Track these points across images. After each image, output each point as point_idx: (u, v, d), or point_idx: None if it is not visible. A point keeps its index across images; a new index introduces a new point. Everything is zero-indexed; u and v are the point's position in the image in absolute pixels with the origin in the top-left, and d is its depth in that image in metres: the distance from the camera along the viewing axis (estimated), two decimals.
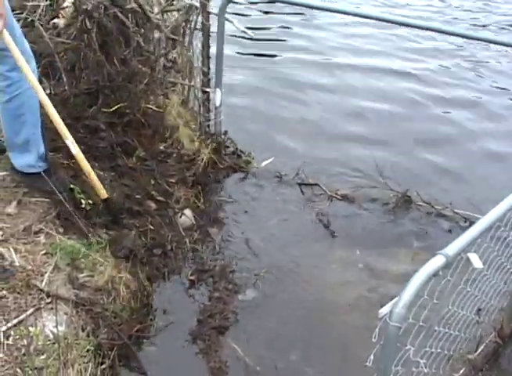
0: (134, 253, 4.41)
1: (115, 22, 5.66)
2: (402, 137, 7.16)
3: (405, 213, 5.74)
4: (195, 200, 5.49)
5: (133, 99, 5.53)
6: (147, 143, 5.47)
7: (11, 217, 4.17)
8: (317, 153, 6.63)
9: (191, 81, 6.40)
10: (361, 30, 10.66)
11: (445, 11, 12.60)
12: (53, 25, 5.21)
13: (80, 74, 5.52)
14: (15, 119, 4.11)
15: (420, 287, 2.49)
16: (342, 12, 6.12)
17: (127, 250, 4.36)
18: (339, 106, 7.90)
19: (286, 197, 5.89)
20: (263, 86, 8.20)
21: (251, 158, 6.32)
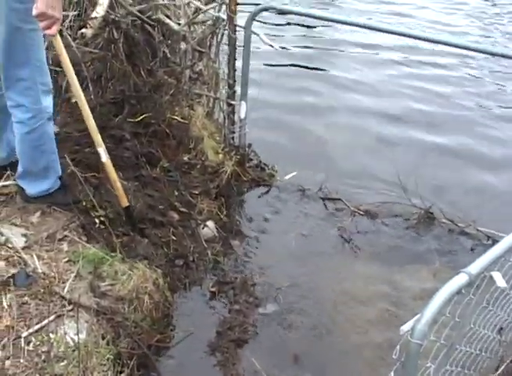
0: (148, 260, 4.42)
1: (142, 33, 5.71)
2: (427, 152, 7.13)
3: (428, 230, 5.69)
4: (218, 212, 5.49)
5: (158, 110, 5.56)
6: (171, 154, 5.49)
7: (35, 225, 4.19)
8: (341, 167, 6.63)
9: (216, 93, 6.43)
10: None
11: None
12: (81, 35, 5.24)
13: (106, 84, 5.57)
14: (34, 149, 4.08)
15: (442, 304, 2.47)
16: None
17: (140, 257, 4.36)
18: (363, 120, 7.89)
19: (309, 211, 5.88)
20: (288, 99, 8.21)
21: (275, 171, 6.33)
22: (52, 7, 3.41)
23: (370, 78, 9.26)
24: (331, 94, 8.56)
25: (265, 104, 7.58)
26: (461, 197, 6.24)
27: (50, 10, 3.41)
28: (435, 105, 8.39)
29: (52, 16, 3.45)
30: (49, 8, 3.40)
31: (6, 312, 3.48)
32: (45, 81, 3.92)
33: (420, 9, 13.53)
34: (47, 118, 3.99)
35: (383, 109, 8.16)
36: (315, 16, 6.47)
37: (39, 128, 3.99)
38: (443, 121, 7.92)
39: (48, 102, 3.98)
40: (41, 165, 4.17)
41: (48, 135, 4.09)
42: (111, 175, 4.25)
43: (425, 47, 10.23)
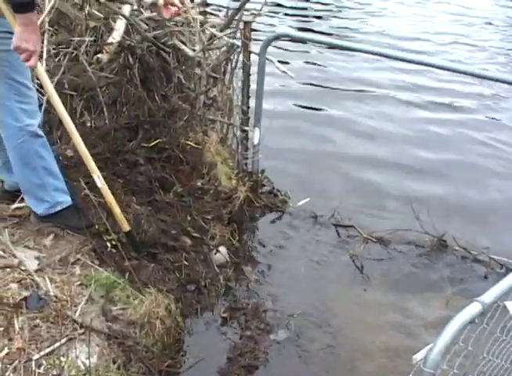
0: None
1: (157, 58, 5.75)
2: (440, 180, 7.13)
3: (441, 257, 5.67)
4: (230, 237, 5.49)
5: (172, 135, 5.59)
6: (185, 179, 5.50)
7: (48, 248, 4.20)
8: (354, 193, 6.64)
9: (230, 119, 6.47)
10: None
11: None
12: (97, 60, 5.27)
13: (121, 109, 5.60)
14: (24, 166, 4.11)
15: (455, 333, 2.46)
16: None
17: (140, 282, 4.35)
18: (377, 147, 7.90)
19: (321, 238, 5.87)
20: (301, 125, 8.23)
21: (288, 198, 6.33)
22: (25, 40, 3.48)
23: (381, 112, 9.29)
24: (344, 122, 8.57)
25: (279, 130, 7.59)
26: (474, 225, 6.21)
27: (24, 43, 3.49)
28: (449, 152, 8.24)
29: (26, 49, 3.51)
30: (23, 41, 3.48)
31: (18, 334, 3.47)
32: (24, 100, 3.94)
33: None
34: (30, 136, 3.99)
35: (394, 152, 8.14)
36: (330, 43, 6.51)
37: (23, 144, 4.01)
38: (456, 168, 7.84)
39: (31, 121, 3.99)
40: (35, 183, 4.18)
41: (37, 153, 4.08)
42: (108, 200, 4.24)
43: (442, 87, 10.26)
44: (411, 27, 14.01)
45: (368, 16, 14.52)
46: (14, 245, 4.09)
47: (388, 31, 13.38)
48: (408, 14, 15.18)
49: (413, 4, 16.19)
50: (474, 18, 15.40)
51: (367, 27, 13.58)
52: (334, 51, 11.07)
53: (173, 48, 5.83)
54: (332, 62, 11.08)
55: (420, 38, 13.22)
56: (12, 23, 3.54)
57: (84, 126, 5.30)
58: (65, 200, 4.34)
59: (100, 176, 4.18)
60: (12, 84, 3.85)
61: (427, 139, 8.34)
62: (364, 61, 10.83)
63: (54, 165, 4.23)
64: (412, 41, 12.80)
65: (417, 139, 8.27)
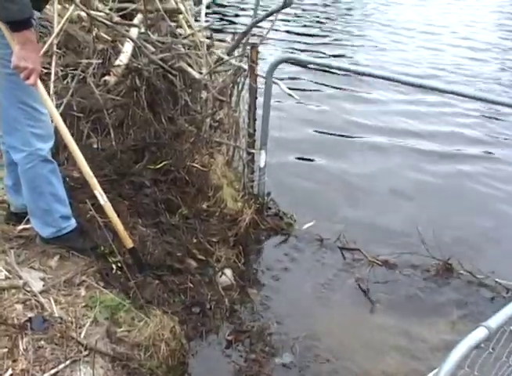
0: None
1: (164, 81, 5.78)
2: (447, 202, 7.13)
3: (446, 281, 5.66)
4: (235, 260, 5.49)
5: (179, 158, 5.60)
6: (190, 201, 5.50)
7: (53, 269, 4.20)
8: (359, 216, 6.63)
9: (236, 141, 6.47)
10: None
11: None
12: (104, 82, 5.32)
13: (127, 131, 5.62)
14: (31, 190, 4.12)
15: (461, 358, 2.45)
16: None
17: (144, 300, 4.33)
18: (383, 168, 7.94)
19: (327, 261, 5.86)
20: (307, 149, 8.24)
21: (293, 220, 6.33)
22: (24, 59, 3.51)
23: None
24: (351, 144, 8.59)
25: (285, 153, 7.61)
26: (480, 249, 6.20)
27: (23, 62, 3.52)
28: (454, 177, 8.18)
29: (25, 67, 3.54)
30: (21, 60, 3.51)
31: (22, 355, 3.47)
32: (35, 124, 3.93)
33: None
34: (40, 160, 3.99)
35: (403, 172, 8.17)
36: (336, 67, 6.53)
37: (32, 169, 4.01)
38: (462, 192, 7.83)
39: (41, 145, 3.98)
40: (42, 207, 4.18)
41: (45, 178, 4.09)
42: (112, 217, 4.21)
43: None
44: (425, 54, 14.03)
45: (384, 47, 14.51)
46: (20, 266, 4.10)
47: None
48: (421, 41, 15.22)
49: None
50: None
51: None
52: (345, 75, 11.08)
53: (180, 70, 5.86)
54: (343, 85, 11.11)
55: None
56: (12, 43, 3.56)
57: (91, 148, 5.32)
58: (70, 224, 4.34)
59: (102, 193, 4.16)
60: (23, 109, 3.86)
61: (433, 161, 8.34)
62: (380, 86, 10.84)
63: (62, 192, 4.24)
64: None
65: (424, 161, 8.28)
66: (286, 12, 13.03)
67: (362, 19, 16.76)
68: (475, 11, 19.03)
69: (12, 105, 3.85)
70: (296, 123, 9.11)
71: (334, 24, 15.57)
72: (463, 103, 10.42)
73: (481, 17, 17.90)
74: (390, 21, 16.63)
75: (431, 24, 16.43)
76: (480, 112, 10.43)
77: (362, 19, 16.64)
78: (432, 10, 17.65)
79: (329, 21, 15.58)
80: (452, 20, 17.21)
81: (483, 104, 9.94)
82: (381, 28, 15.98)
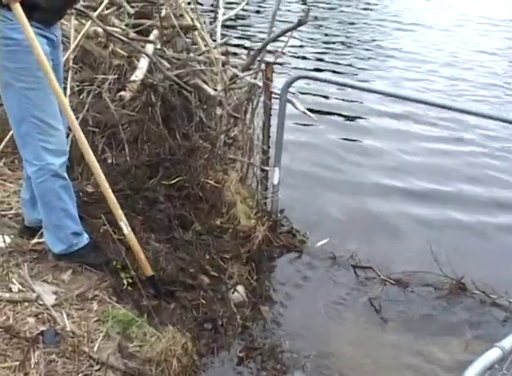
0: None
1: (179, 97, 5.80)
2: (461, 221, 7.11)
3: (459, 300, 5.61)
4: (248, 276, 5.47)
5: (193, 174, 5.61)
6: (204, 218, 5.51)
7: (66, 283, 4.22)
8: (373, 234, 6.60)
9: (250, 158, 6.47)
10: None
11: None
12: (120, 97, 5.34)
13: (142, 146, 5.64)
14: (44, 205, 4.15)
15: None
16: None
17: (158, 321, 4.33)
18: (398, 187, 7.90)
19: (339, 279, 5.83)
20: (321, 166, 8.23)
21: (306, 238, 6.31)
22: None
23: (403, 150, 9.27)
24: (363, 164, 8.56)
25: (299, 170, 7.61)
26: (493, 268, 6.15)
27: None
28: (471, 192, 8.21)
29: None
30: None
31: (34, 369, 3.48)
32: (47, 139, 3.95)
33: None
34: (51, 175, 4.02)
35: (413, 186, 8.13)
36: (350, 85, 6.52)
37: (43, 183, 4.05)
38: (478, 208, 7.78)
39: (54, 160, 4.00)
40: (53, 222, 4.22)
41: (56, 193, 4.11)
42: (134, 246, 4.24)
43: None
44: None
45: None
46: (33, 279, 4.12)
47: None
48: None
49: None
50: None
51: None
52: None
53: (195, 87, 5.89)
54: (358, 99, 11.10)
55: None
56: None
57: (106, 162, 5.34)
58: (81, 241, 4.37)
59: (127, 223, 4.19)
60: (35, 123, 3.88)
61: (449, 176, 8.33)
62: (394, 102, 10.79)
63: (73, 208, 4.26)
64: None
65: (441, 178, 8.26)
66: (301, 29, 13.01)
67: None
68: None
69: (25, 119, 3.88)
70: (310, 140, 9.10)
71: (359, 36, 15.43)
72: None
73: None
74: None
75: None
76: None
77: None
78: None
79: (353, 34, 15.43)
80: None
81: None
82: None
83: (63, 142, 4.10)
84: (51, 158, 3.98)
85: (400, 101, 10.05)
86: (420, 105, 9.15)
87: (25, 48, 3.71)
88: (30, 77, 3.77)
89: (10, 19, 3.66)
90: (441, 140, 9.74)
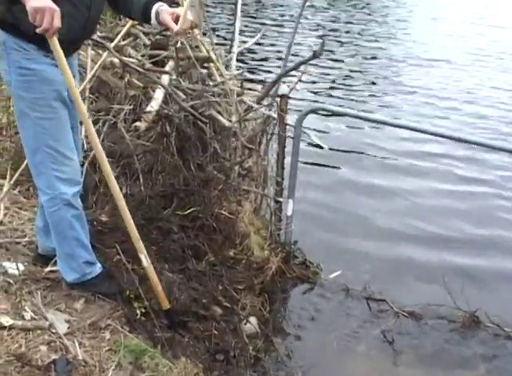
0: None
1: (194, 128, 5.82)
2: (474, 253, 7.08)
3: (473, 333, 5.58)
4: (261, 308, 5.45)
5: (207, 204, 5.62)
6: (217, 248, 5.51)
7: (78, 312, 4.21)
8: (386, 265, 6.59)
9: (264, 189, 6.49)
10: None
11: None
12: (135, 128, 5.37)
13: (156, 177, 5.65)
14: (57, 234, 4.16)
15: None
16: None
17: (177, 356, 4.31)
18: (411, 219, 7.88)
19: (352, 312, 5.81)
20: (334, 198, 8.23)
21: (319, 269, 6.30)
22: (38, 9, 3.27)
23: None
24: (379, 193, 8.55)
25: (312, 202, 7.61)
26: (507, 301, 6.11)
27: (39, 13, 3.28)
28: (483, 225, 8.04)
29: (42, 15, 3.29)
30: (36, 11, 3.28)
31: None
32: (61, 168, 3.95)
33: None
34: (63, 204, 4.01)
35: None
36: (366, 118, 6.55)
37: (55, 213, 4.05)
38: (491, 241, 7.64)
39: (66, 189, 4.00)
40: (66, 251, 4.22)
41: (69, 223, 4.11)
42: (153, 279, 4.25)
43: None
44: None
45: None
46: (45, 307, 4.11)
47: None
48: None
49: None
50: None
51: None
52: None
53: (210, 118, 5.91)
54: (374, 134, 11.07)
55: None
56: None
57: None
58: (94, 270, 4.36)
59: (147, 256, 4.20)
60: (49, 152, 3.90)
61: (461, 212, 8.28)
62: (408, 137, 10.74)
63: (86, 237, 4.26)
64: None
65: (453, 212, 8.22)
66: (315, 62, 13.02)
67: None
68: None
69: (39, 148, 3.90)
70: (324, 173, 9.11)
71: (374, 71, 15.37)
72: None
73: None
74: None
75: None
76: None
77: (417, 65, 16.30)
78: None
79: (369, 68, 15.37)
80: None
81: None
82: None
83: (77, 172, 4.12)
84: (64, 188, 3.99)
85: (417, 140, 10.09)
86: (437, 144, 9.20)
87: (40, 78, 3.75)
88: (45, 107, 3.80)
89: (26, 50, 3.70)
90: (460, 181, 9.63)
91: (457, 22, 20.36)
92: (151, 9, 3.91)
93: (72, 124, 4.05)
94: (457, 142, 8.27)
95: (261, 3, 20.84)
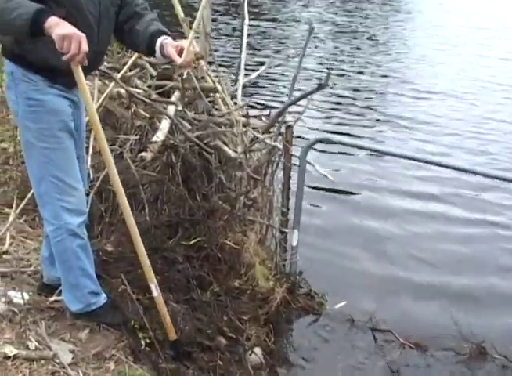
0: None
1: (199, 158, 5.84)
2: (482, 283, 7.03)
3: (480, 365, 5.53)
4: (266, 338, 5.43)
5: (212, 235, 5.62)
6: (222, 278, 5.50)
7: (83, 342, 4.20)
8: (391, 296, 6.57)
9: (269, 220, 6.48)
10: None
11: None
12: (141, 158, 5.39)
13: (162, 206, 5.67)
14: (62, 264, 4.16)
15: None
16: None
17: None
18: (416, 246, 7.87)
19: (358, 343, 5.78)
20: (340, 228, 8.21)
21: (325, 300, 6.28)
22: (65, 37, 3.28)
23: None
24: (383, 226, 8.53)
25: (317, 232, 7.61)
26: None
27: (66, 41, 3.29)
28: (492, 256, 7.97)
29: (69, 43, 3.30)
30: (60, 38, 3.28)
31: None
32: (66, 199, 3.97)
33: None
34: (69, 234, 4.02)
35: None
36: (371, 148, 6.57)
37: (60, 243, 4.05)
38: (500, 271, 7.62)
39: (72, 219, 4.01)
40: (70, 281, 4.22)
41: (74, 253, 4.11)
42: (161, 309, 4.25)
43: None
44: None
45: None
46: (50, 337, 4.10)
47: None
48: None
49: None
50: None
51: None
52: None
53: (215, 148, 5.93)
54: (376, 163, 11.05)
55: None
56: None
57: (125, 222, 5.37)
58: (99, 300, 4.36)
59: (157, 286, 4.20)
60: (54, 183, 3.92)
61: (469, 241, 8.24)
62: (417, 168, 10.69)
63: (91, 268, 4.27)
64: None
65: (460, 241, 8.18)
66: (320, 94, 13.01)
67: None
68: None
69: (45, 178, 3.92)
70: (329, 204, 9.10)
71: (376, 103, 15.32)
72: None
73: None
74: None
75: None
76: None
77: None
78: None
79: (370, 101, 15.31)
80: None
81: None
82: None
83: (83, 202, 4.13)
84: (69, 218, 4.00)
85: (421, 171, 10.04)
86: (441, 175, 9.16)
87: (47, 109, 3.78)
88: (52, 137, 3.82)
89: (33, 81, 3.74)
90: (467, 211, 9.44)
91: (462, 53, 20.39)
92: (156, 41, 3.94)
93: (78, 154, 4.08)
94: (463, 175, 8.18)
95: (266, 35, 20.94)
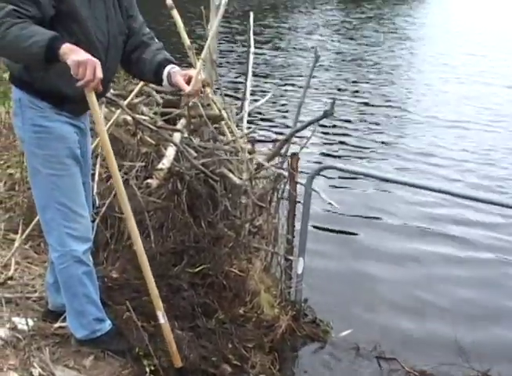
0: None
1: (205, 185, 5.85)
2: (487, 310, 6.99)
3: None
4: (270, 366, 5.40)
5: (217, 262, 5.63)
6: (227, 306, 5.49)
7: (87, 368, 4.20)
8: (397, 323, 6.53)
9: (275, 247, 6.48)
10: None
11: None
12: (146, 185, 5.40)
13: (167, 234, 5.68)
14: (66, 290, 4.17)
15: None
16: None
17: None
18: (421, 273, 7.84)
19: (363, 371, 5.75)
20: (346, 256, 8.19)
21: (330, 328, 6.25)
22: (80, 63, 3.32)
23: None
24: (389, 255, 8.49)
25: (323, 260, 7.60)
26: None
27: (82, 67, 3.33)
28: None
29: (84, 70, 3.33)
30: (75, 64, 3.32)
31: None
32: (72, 225, 3.98)
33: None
34: (74, 261, 4.03)
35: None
36: (378, 177, 6.57)
37: (65, 269, 4.07)
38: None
39: (77, 246, 4.02)
40: (75, 308, 4.22)
41: (80, 280, 4.12)
42: (167, 337, 4.26)
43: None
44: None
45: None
46: (54, 364, 4.10)
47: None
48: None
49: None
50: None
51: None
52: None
53: (221, 176, 5.94)
54: (383, 192, 11.02)
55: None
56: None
57: (130, 249, 5.38)
58: (104, 327, 4.37)
59: (164, 314, 4.22)
60: (60, 209, 3.93)
61: (474, 277, 8.17)
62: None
63: (96, 294, 4.28)
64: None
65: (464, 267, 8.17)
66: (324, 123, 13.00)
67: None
68: None
69: (50, 205, 3.93)
70: (335, 230, 9.07)
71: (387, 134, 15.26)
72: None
73: None
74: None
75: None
76: None
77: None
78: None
79: (382, 133, 15.23)
80: None
81: None
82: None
83: (88, 229, 4.14)
84: (75, 245, 4.01)
85: (431, 201, 10.00)
86: (454, 206, 9.11)
87: (54, 136, 3.80)
88: (58, 164, 3.84)
89: (40, 108, 3.77)
90: (475, 247, 9.13)
91: (469, 82, 20.37)
92: (163, 70, 3.97)
93: (84, 181, 4.10)
94: (476, 206, 8.15)
95: (271, 63, 21.04)
